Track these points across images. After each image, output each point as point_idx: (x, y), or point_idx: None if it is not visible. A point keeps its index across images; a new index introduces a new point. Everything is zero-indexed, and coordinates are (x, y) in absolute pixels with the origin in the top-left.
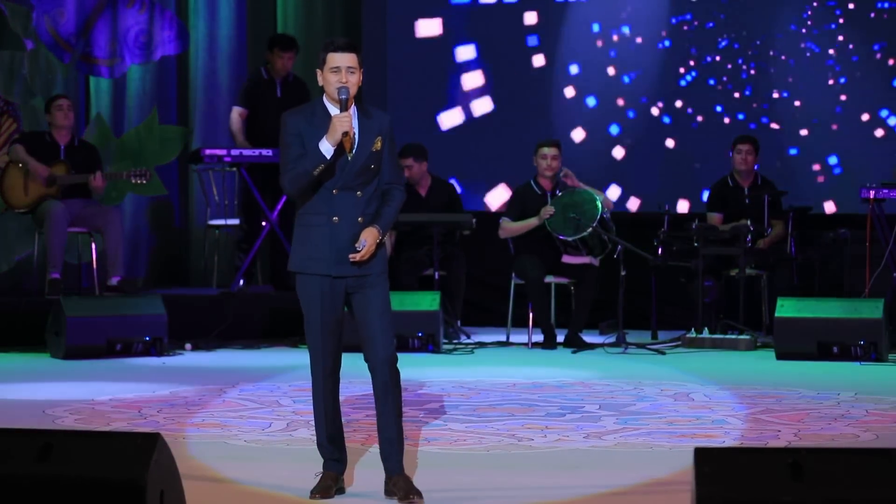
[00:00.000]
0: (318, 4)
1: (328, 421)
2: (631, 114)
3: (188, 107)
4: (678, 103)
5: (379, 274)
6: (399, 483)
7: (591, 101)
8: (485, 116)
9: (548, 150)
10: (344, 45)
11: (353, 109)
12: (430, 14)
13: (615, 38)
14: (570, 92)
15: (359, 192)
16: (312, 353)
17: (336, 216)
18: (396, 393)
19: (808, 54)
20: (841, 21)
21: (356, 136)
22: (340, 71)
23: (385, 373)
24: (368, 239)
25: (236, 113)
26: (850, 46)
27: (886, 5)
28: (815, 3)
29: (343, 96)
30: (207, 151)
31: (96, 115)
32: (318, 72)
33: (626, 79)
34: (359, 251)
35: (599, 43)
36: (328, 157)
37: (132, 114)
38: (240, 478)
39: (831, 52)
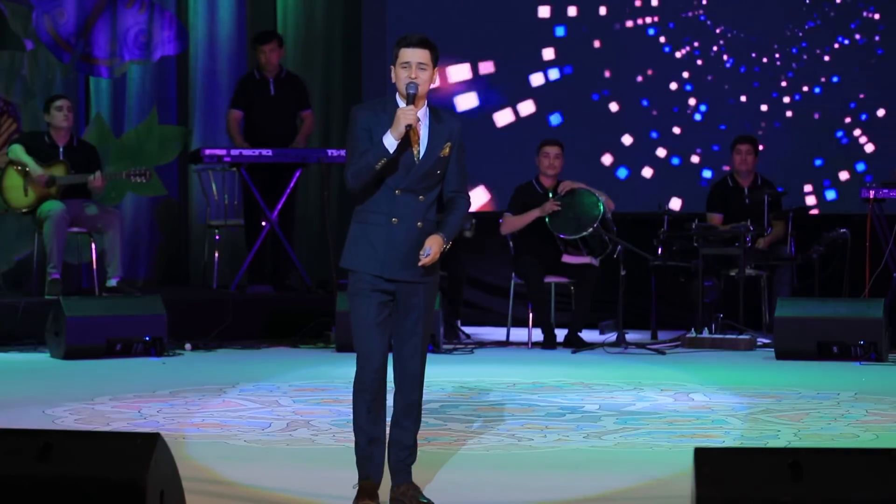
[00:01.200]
0: (317, 5)
1: (372, 431)
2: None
3: (188, 107)
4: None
5: (430, 283)
6: (408, 492)
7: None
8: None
9: (550, 149)
10: (416, 41)
11: (424, 110)
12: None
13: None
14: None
15: (421, 197)
16: (359, 352)
17: (395, 217)
18: (420, 408)
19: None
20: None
21: (426, 139)
22: (410, 66)
23: (415, 389)
24: (433, 247)
25: (232, 116)
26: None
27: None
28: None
29: (412, 91)
30: (207, 151)
31: (96, 115)
32: (392, 68)
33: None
34: (422, 258)
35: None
36: (391, 152)
37: (132, 114)
38: (239, 478)
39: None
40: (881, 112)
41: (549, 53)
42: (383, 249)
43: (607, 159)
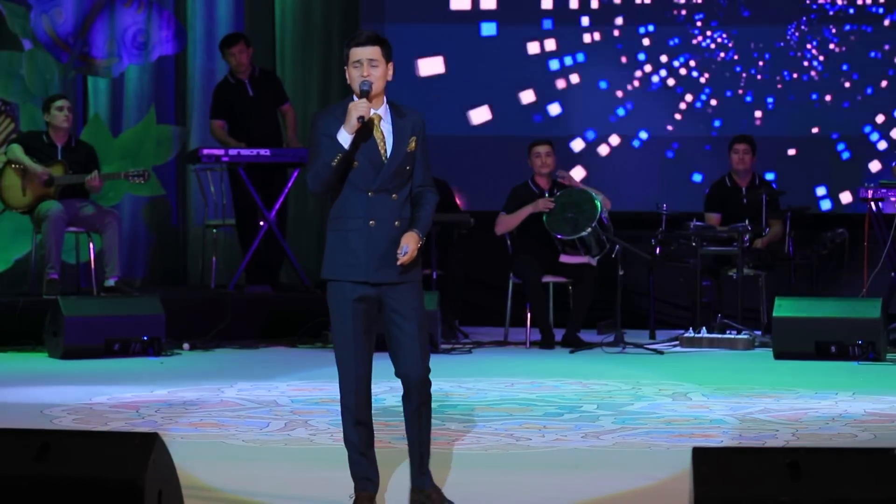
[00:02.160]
0: (315, 5)
1: (360, 436)
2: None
3: (186, 107)
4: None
5: (416, 282)
6: (432, 496)
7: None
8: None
9: (541, 149)
10: (364, 39)
11: (384, 108)
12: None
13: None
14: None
15: (394, 195)
16: (343, 362)
17: (373, 220)
18: (428, 408)
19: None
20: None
21: (391, 137)
22: (362, 65)
23: (422, 391)
24: (410, 244)
25: (215, 125)
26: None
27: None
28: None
29: (365, 88)
30: (205, 151)
31: (94, 115)
32: (345, 69)
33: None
34: (400, 257)
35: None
36: (346, 147)
37: (130, 114)
38: (237, 478)
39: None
40: (880, 117)
41: (550, 44)
42: (364, 253)
43: (605, 157)
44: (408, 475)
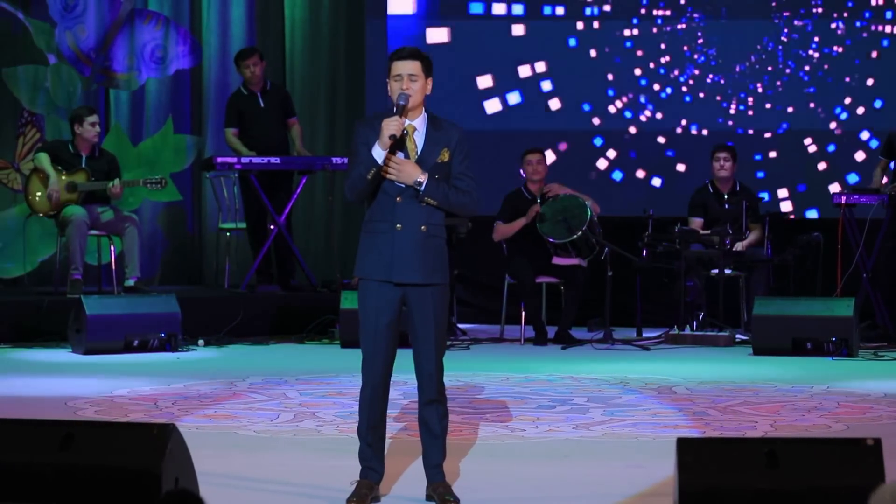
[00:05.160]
0: (323, 22)
1: (370, 427)
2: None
3: (201, 117)
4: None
5: (439, 286)
6: (439, 489)
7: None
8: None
9: (532, 157)
10: (407, 54)
11: (422, 118)
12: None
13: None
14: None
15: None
16: (364, 356)
17: (399, 223)
18: (439, 407)
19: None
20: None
21: (421, 146)
22: (402, 78)
23: (432, 389)
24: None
25: (230, 133)
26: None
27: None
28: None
29: (401, 102)
30: (219, 159)
31: (115, 125)
32: (388, 82)
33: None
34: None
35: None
36: (380, 162)
37: (149, 124)
38: (249, 466)
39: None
40: (860, 123)
41: (540, 66)
42: (389, 255)
43: (598, 164)
44: (414, 466)
